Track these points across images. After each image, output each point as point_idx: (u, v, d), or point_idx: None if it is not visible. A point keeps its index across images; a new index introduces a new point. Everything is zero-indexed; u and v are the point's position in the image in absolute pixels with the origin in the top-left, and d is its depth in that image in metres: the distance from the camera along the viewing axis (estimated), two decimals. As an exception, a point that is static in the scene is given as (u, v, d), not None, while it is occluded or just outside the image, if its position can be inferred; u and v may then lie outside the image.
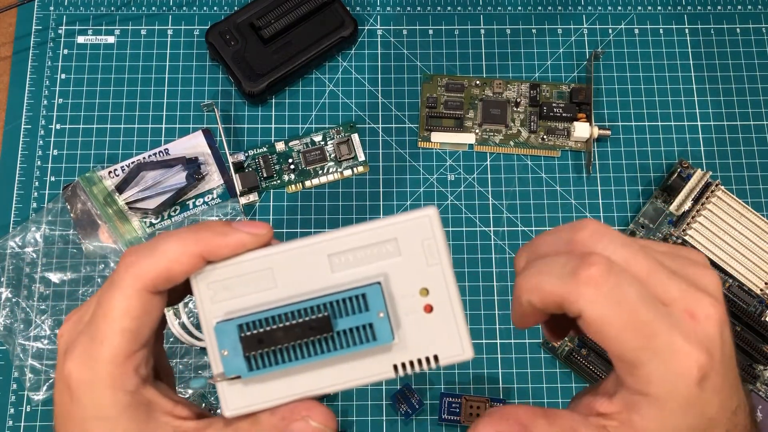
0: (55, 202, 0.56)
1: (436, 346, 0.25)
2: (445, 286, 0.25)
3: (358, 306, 0.25)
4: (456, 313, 0.25)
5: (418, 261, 0.25)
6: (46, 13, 0.61)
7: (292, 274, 0.25)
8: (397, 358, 0.25)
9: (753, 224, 0.54)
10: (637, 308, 0.23)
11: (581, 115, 0.58)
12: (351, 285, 0.25)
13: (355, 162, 0.58)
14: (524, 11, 0.63)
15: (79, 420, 0.26)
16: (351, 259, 0.25)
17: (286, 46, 0.58)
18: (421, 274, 0.25)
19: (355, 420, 0.52)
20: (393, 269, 0.25)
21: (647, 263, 0.24)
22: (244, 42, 0.58)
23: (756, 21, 0.63)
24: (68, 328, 0.27)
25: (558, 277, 0.24)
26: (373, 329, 0.25)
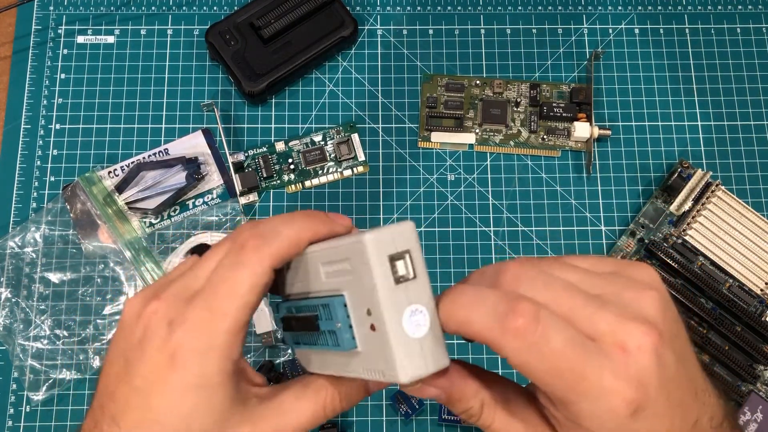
0: (55, 202, 0.56)
1: (381, 363, 0.25)
2: (379, 310, 0.25)
3: (328, 314, 0.27)
4: (387, 338, 0.24)
5: (362, 282, 0.25)
6: (46, 13, 0.61)
7: (307, 273, 0.29)
8: (363, 364, 0.27)
9: (753, 224, 0.54)
10: (563, 354, 0.23)
11: (581, 115, 0.58)
12: (327, 293, 0.27)
13: (355, 162, 0.58)
14: (524, 11, 0.63)
15: (178, 389, 0.27)
16: (335, 270, 0.27)
17: (286, 46, 0.58)
18: (366, 294, 0.25)
19: (355, 420, 0.52)
20: (350, 286, 0.26)
21: (572, 302, 0.24)
22: (244, 42, 0.58)
23: (756, 21, 0.63)
24: (165, 304, 0.28)
25: (486, 320, 0.24)
26: (336, 336, 0.27)
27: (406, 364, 0.24)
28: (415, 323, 0.25)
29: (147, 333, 0.28)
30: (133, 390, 0.28)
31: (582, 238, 0.56)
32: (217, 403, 0.28)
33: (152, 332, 0.28)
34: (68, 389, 0.52)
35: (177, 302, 0.28)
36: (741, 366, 0.52)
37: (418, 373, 0.25)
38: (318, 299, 0.28)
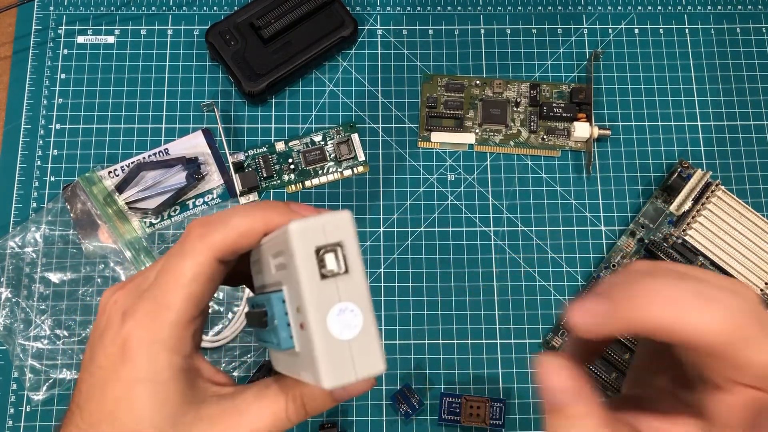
0: (55, 202, 0.56)
1: (311, 366, 0.23)
2: (304, 307, 0.22)
3: (269, 308, 0.25)
4: (311, 339, 0.22)
5: (292, 276, 0.23)
6: (46, 13, 0.61)
7: (261, 266, 0.27)
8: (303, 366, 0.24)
9: (753, 224, 0.54)
10: None
11: (581, 115, 0.58)
12: (272, 288, 0.26)
13: (355, 162, 0.58)
14: (524, 11, 0.63)
15: (127, 381, 0.27)
16: (279, 263, 0.25)
17: (286, 46, 0.58)
18: (295, 289, 0.23)
19: (355, 420, 0.52)
20: (286, 280, 0.24)
21: None
22: (244, 42, 0.58)
23: (756, 21, 0.63)
24: (124, 294, 0.28)
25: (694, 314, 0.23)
26: (277, 334, 0.24)
27: (330, 369, 0.22)
28: (344, 323, 0.22)
29: (107, 323, 0.28)
30: (93, 380, 0.28)
31: (582, 238, 0.56)
32: (167, 399, 0.27)
33: (110, 322, 0.28)
34: (68, 389, 0.52)
35: (132, 293, 0.28)
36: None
37: (343, 380, 0.22)
38: (266, 294, 0.26)
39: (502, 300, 0.55)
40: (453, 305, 0.55)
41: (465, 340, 0.54)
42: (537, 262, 0.56)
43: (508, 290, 0.55)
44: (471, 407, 0.51)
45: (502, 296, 0.55)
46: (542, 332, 0.54)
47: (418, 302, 0.55)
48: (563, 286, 0.55)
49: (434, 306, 0.55)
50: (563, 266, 0.56)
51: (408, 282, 0.55)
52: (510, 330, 0.54)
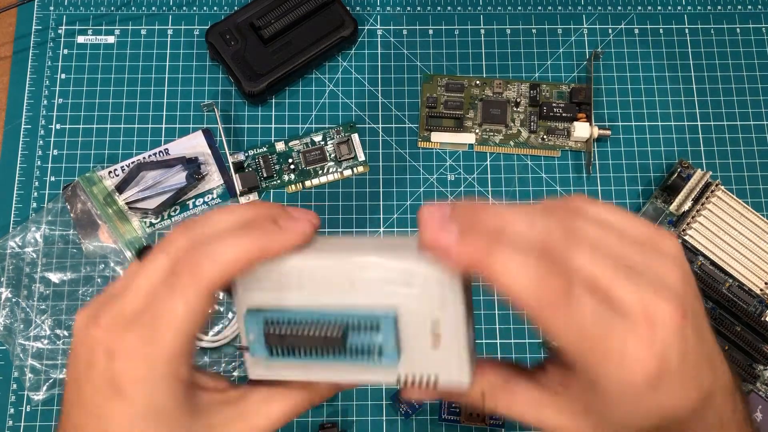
0: (55, 202, 0.56)
1: (438, 370, 0.27)
2: (457, 322, 0.27)
3: (372, 328, 0.27)
4: (462, 346, 0.27)
5: (434, 297, 0.26)
6: (46, 13, 0.61)
7: (319, 282, 0.27)
8: (401, 370, 0.28)
9: (753, 224, 0.54)
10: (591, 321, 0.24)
11: (581, 115, 0.58)
12: (368, 307, 0.27)
13: (355, 162, 0.58)
14: (524, 11, 0.63)
15: (128, 418, 0.26)
16: (373, 282, 0.27)
17: (286, 46, 0.58)
18: (435, 308, 0.27)
19: (355, 420, 0.52)
20: (409, 299, 0.27)
21: (608, 272, 0.25)
22: (244, 42, 0.58)
23: (756, 21, 0.63)
24: (104, 331, 0.27)
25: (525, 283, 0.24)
26: (381, 350, 0.27)
27: (468, 369, 0.27)
28: None
29: (91, 360, 0.27)
30: (88, 416, 0.27)
31: (582, 238, 0.56)
32: (172, 426, 0.27)
33: (95, 360, 0.26)
34: (68, 389, 0.52)
35: (115, 329, 0.27)
36: (741, 366, 0.52)
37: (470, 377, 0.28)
38: (350, 313, 0.27)
39: (502, 300, 0.55)
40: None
41: (465, 340, 0.54)
42: (537, 262, 0.56)
43: (508, 290, 0.55)
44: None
45: (502, 296, 0.55)
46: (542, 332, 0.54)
47: (418, 302, 0.55)
48: (563, 286, 0.55)
49: (434, 306, 0.55)
50: (563, 266, 0.56)
51: (408, 282, 0.55)
52: (510, 330, 0.54)
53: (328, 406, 0.52)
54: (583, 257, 0.25)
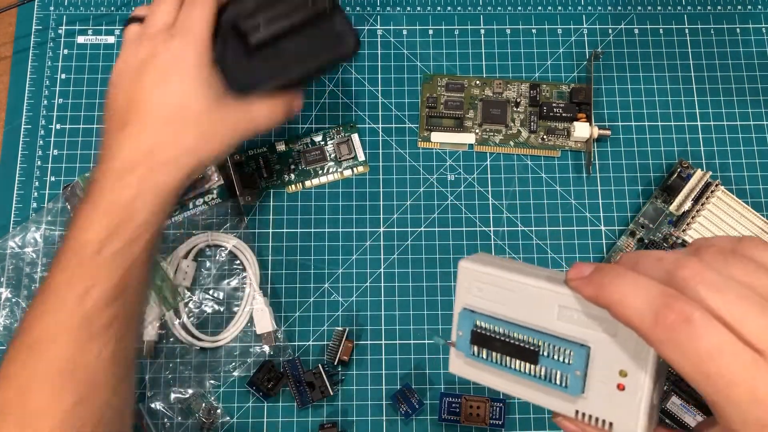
0: (55, 202, 0.56)
1: (614, 417, 0.29)
2: (644, 377, 0.28)
3: (565, 357, 0.29)
4: (643, 402, 0.28)
5: (629, 347, 0.28)
6: (46, 13, 0.61)
7: (526, 302, 0.30)
8: (579, 407, 0.29)
9: (753, 224, 0.54)
10: (711, 358, 0.23)
11: (581, 115, 0.58)
12: (566, 337, 0.29)
13: (355, 162, 0.58)
14: (524, 11, 0.63)
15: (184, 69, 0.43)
16: (576, 317, 0.29)
17: (276, 56, 0.46)
18: (627, 358, 0.28)
19: (355, 420, 0.52)
20: (605, 343, 0.28)
21: (744, 310, 0.24)
22: (224, 46, 0.46)
23: (756, 21, 0.63)
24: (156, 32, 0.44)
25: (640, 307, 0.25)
26: (567, 380, 0.29)
27: (645, 425, 0.28)
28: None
29: (153, 49, 0.43)
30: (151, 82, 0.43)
31: (582, 238, 0.56)
32: (212, 82, 0.43)
33: (156, 46, 0.43)
34: (68, 389, 0.52)
35: (163, 29, 0.44)
36: None
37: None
38: (547, 337, 0.29)
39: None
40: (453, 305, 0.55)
41: (465, 340, 0.54)
42: (537, 262, 0.56)
43: (508, 290, 0.55)
44: (471, 407, 0.51)
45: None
46: (542, 332, 0.54)
47: (418, 302, 0.55)
48: (563, 286, 0.55)
49: (434, 306, 0.55)
50: (563, 266, 0.56)
51: (408, 282, 0.55)
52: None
53: (328, 406, 0.52)
54: (715, 289, 0.24)
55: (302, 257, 0.56)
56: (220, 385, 0.53)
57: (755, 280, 0.25)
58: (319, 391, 0.51)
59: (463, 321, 0.32)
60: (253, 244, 0.55)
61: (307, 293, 0.55)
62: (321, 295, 0.55)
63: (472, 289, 0.32)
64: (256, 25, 0.46)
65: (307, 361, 0.53)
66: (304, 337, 0.54)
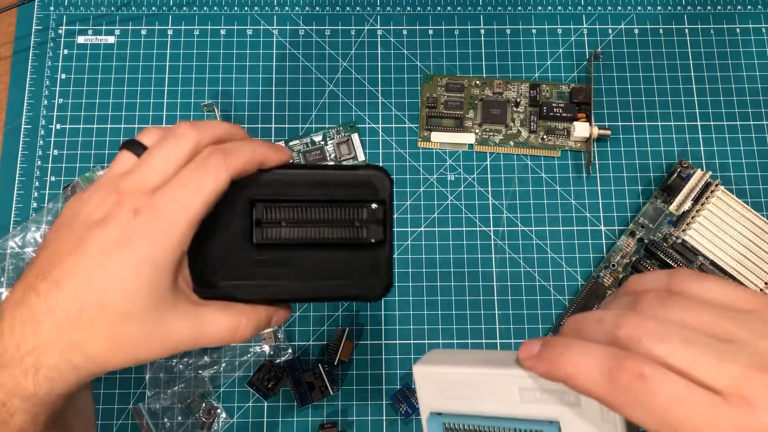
0: (55, 202, 0.56)
1: None
2: None
3: None
4: None
5: (596, 413, 0.28)
6: (46, 13, 0.61)
7: (488, 392, 0.30)
8: None
9: (753, 224, 0.54)
10: (670, 409, 0.23)
11: (581, 115, 0.58)
12: (534, 418, 0.29)
13: (355, 162, 0.58)
14: (524, 11, 0.63)
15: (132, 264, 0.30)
16: (538, 396, 0.29)
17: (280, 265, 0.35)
18: (596, 424, 0.28)
19: (355, 420, 0.52)
20: (572, 414, 0.28)
21: (692, 354, 0.24)
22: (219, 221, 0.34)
23: (756, 21, 0.63)
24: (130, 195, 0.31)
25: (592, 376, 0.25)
26: None
27: None
28: None
29: (109, 216, 0.31)
30: (85, 259, 0.30)
31: (582, 238, 0.56)
32: (161, 286, 0.31)
33: (115, 216, 0.30)
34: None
35: (141, 194, 0.31)
36: None
37: None
38: (516, 422, 0.29)
39: (502, 300, 0.55)
40: (453, 305, 0.55)
41: (465, 340, 0.54)
42: (537, 262, 0.56)
43: (508, 290, 0.55)
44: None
45: (502, 296, 0.55)
46: (542, 332, 0.54)
47: (418, 302, 0.55)
48: (563, 286, 0.55)
49: (434, 306, 0.55)
50: (563, 266, 0.56)
51: (408, 282, 0.55)
52: (510, 330, 0.54)
53: (328, 406, 0.52)
54: (659, 340, 0.24)
55: (302, 257, 0.56)
56: (220, 385, 0.53)
57: (695, 319, 0.25)
58: (319, 391, 0.51)
59: (433, 427, 0.32)
60: (253, 244, 0.55)
61: (307, 293, 0.55)
62: (321, 295, 0.55)
63: (433, 392, 0.31)
64: (277, 220, 0.34)
65: (307, 361, 0.53)
66: (304, 337, 0.54)
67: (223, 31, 0.61)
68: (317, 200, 0.35)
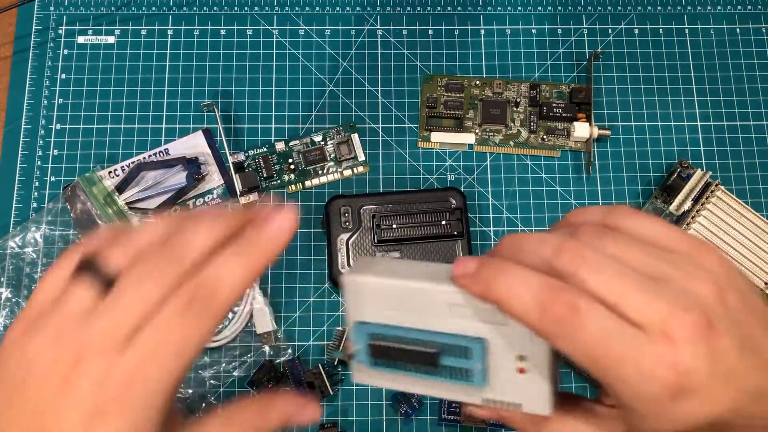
0: (55, 202, 0.56)
1: (521, 399, 0.29)
2: (542, 358, 0.28)
3: (463, 353, 0.29)
4: (544, 381, 0.29)
5: (524, 333, 0.27)
6: (46, 13, 0.61)
7: (417, 306, 0.30)
8: (486, 395, 0.30)
9: (753, 224, 0.54)
10: (599, 342, 0.24)
11: (581, 115, 0.58)
12: (462, 333, 0.29)
13: (355, 162, 0.58)
14: (524, 11, 0.63)
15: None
16: (467, 312, 0.29)
17: None
18: (523, 342, 0.28)
19: (355, 420, 0.52)
20: (500, 332, 0.29)
21: (623, 288, 0.24)
22: (358, 226, 0.53)
23: (756, 21, 0.63)
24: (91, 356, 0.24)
25: (527, 303, 0.25)
26: (469, 373, 0.29)
27: (550, 403, 0.29)
28: None
29: (69, 384, 0.23)
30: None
31: (582, 238, 0.56)
32: None
33: (78, 384, 0.23)
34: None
35: (110, 349, 0.24)
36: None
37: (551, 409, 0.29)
38: (443, 336, 0.29)
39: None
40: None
41: (465, 340, 0.54)
42: (537, 262, 0.56)
43: (508, 290, 0.55)
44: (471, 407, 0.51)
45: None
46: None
47: (418, 302, 0.55)
48: (563, 286, 0.55)
49: (434, 306, 0.55)
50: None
51: (408, 282, 0.55)
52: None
53: (328, 406, 0.52)
54: (588, 273, 0.25)
55: (302, 257, 0.56)
56: (220, 385, 0.53)
57: (628, 254, 0.25)
58: (319, 391, 0.51)
59: (358, 335, 0.31)
60: (253, 244, 0.55)
61: (307, 293, 0.55)
62: (321, 295, 0.55)
63: (362, 301, 0.31)
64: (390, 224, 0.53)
65: (307, 361, 0.53)
66: (304, 337, 0.54)
67: (223, 31, 0.61)
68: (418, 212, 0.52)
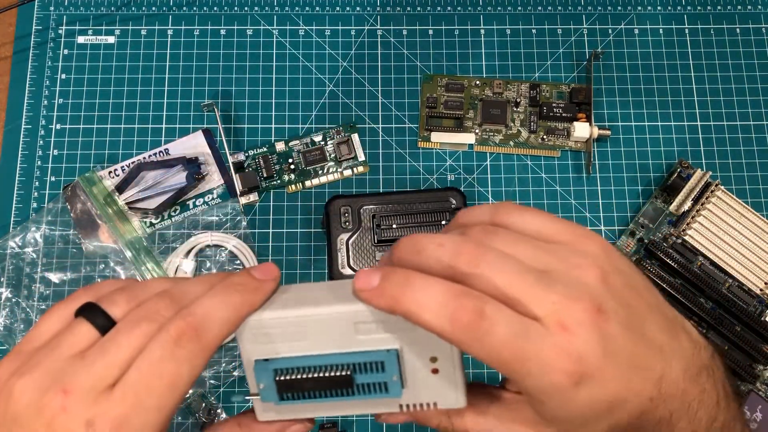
0: (55, 202, 0.56)
1: (437, 397, 0.30)
2: (451, 357, 0.29)
3: (377, 368, 0.29)
4: (457, 377, 0.29)
5: (431, 335, 0.27)
6: (46, 13, 0.61)
7: (322, 332, 0.28)
8: (403, 401, 0.30)
9: (753, 224, 0.54)
10: (506, 344, 0.24)
11: (581, 115, 0.58)
12: (372, 349, 0.28)
13: (355, 162, 0.58)
14: (524, 11, 0.63)
15: None
16: (374, 327, 0.28)
17: None
18: (433, 344, 0.28)
19: (355, 420, 0.52)
20: (409, 338, 0.28)
21: (520, 284, 0.25)
22: (357, 227, 0.52)
23: (756, 21, 0.63)
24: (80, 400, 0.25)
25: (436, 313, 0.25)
26: (386, 386, 0.29)
27: (463, 395, 0.29)
28: None
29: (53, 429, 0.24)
30: None
31: (582, 238, 0.56)
32: None
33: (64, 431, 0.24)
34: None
35: (96, 395, 0.25)
36: (740, 366, 0.52)
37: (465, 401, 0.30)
38: (354, 356, 0.28)
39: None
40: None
41: (465, 340, 0.54)
42: (537, 262, 0.56)
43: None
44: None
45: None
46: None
47: (418, 302, 0.55)
48: (563, 286, 0.55)
49: (434, 306, 0.55)
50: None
51: (408, 282, 0.55)
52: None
53: (328, 406, 0.52)
54: (490, 272, 0.25)
55: (302, 257, 0.56)
56: (220, 385, 0.53)
57: (518, 250, 0.26)
58: (319, 391, 0.51)
59: (261, 373, 0.29)
60: (253, 244, 0.55)
61: (307, 293, 0.55)
62: (321, 295, 0.55)
63: (258, 338, 0.29)
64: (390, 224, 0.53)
65: (307, 361, 0.53)
66: (304, 337, 0.54)
67: (223, 31, 0.61)
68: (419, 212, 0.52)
